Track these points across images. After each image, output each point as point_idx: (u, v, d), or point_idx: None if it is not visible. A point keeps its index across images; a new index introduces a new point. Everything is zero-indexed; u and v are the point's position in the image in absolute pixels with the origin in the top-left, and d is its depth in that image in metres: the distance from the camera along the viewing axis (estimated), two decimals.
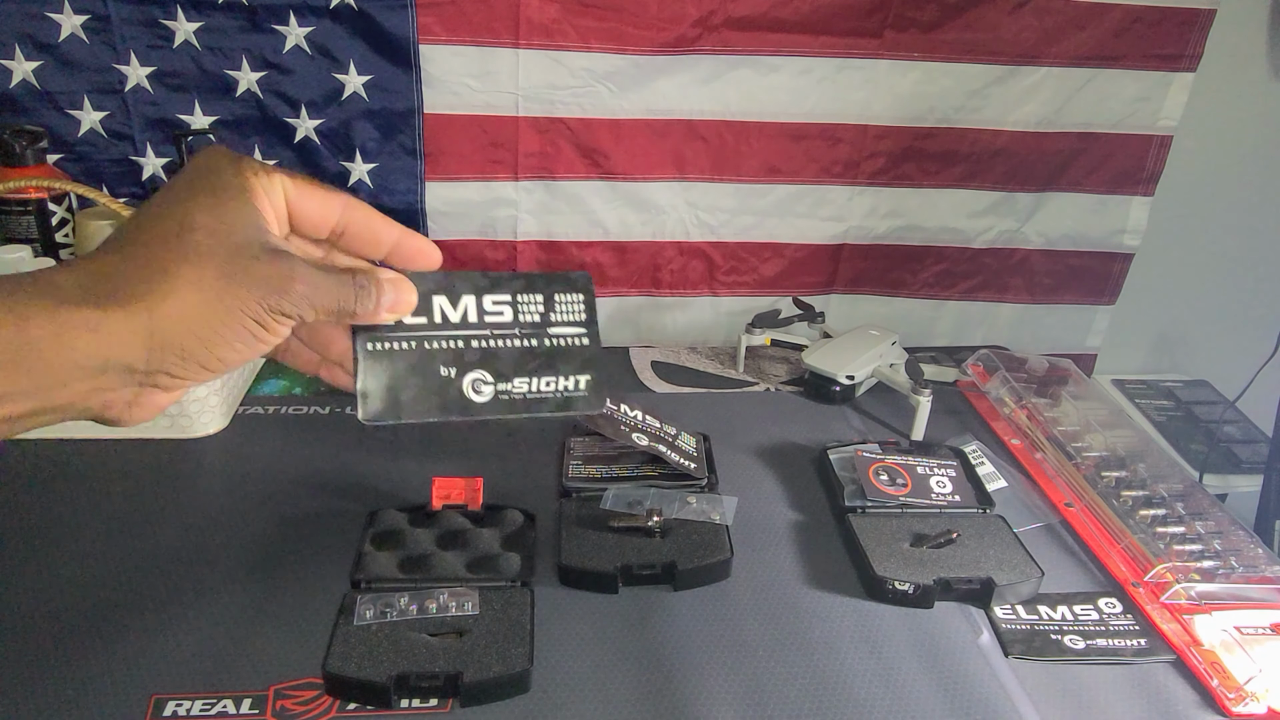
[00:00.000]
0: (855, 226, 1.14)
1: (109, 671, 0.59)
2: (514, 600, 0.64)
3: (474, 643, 0.60)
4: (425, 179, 1.03)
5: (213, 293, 0.35)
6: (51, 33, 0.91)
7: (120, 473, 0.80)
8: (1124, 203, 1.15)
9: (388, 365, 0.41)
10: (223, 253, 0.35)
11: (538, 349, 0.43)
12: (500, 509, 0.73)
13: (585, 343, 0.44)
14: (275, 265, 0.36)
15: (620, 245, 1.11)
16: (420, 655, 0.59)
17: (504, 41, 0.97)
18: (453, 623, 0.62)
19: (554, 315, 0.44)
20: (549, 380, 0.43)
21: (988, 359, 1.02)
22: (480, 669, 0.58)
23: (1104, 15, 1.03)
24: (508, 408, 0.42)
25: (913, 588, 0.68)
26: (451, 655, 0.59)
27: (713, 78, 1.03)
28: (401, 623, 0.61)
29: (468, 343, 0.42)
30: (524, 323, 0.43)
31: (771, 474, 0.85)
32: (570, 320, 0.44)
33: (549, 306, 0.44)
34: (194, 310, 0.35)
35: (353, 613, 0.61)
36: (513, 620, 0.62)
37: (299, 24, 0.94)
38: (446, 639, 0.61)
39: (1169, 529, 0.76)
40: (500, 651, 0.60)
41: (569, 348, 0.44)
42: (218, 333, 0.36)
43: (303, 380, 0.99)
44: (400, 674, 0.57)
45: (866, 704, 0.60)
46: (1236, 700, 0.61)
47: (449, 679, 0.57)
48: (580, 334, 0.44)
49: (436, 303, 0.42)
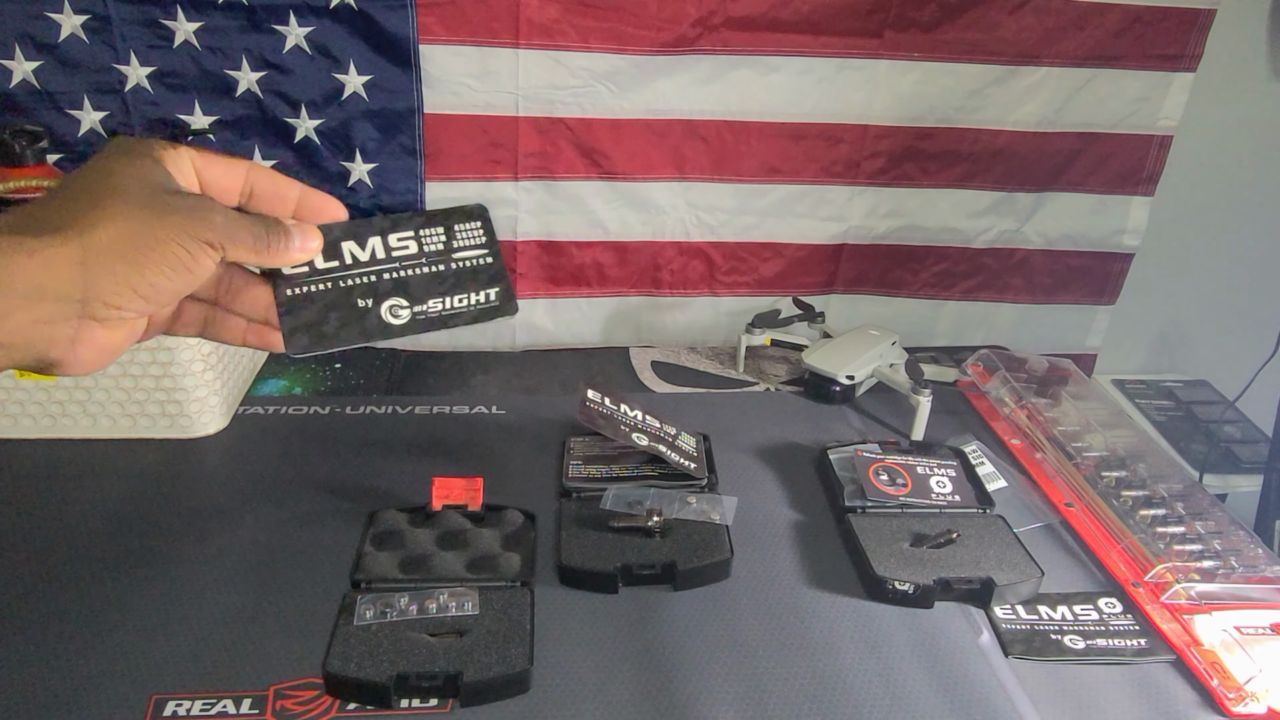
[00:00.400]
0: (855, 226, 1.14)
1: (109, 671, 0.59)
2: (514, 600, 0.64)
3: (474, 643, 0.60)
4: (425, 179, 1.03)
5: (139, 221, 0.38)
6: (51, 33, 0.91)
7: (120, 473, 0.80)
8: (1124, 203, 1.15)
9: (308, 306, 0.44)
10: (145, 190, 0.39)
11: (445, 272, 0.47)
12: (500, 509, 0.73)
13: (489, 260, 0.48)
14: (194, 200, 0.40)
15: (620, 245, 1.11)
16: (420, 655, 0.59)
17: (504, 41, 0.97)
18: (453, 623, 0.62)
19: (456, 242, 0.48)
20: (460, 296, 0.47)
21: (988, 359, 1.02)
22: (480, 669, 0.58)
23: (1104, 15, 1.03)
24: (425, 325, 0.46)
25: (913, 588, 0.68)
26: (451, 655, 0.59)
27: (713, 78, 1.03)
28: (401, 623, 0.61)
29: (379, 276, 0.46)
30: (429, 252, 0.47)
31: (771, 474, 0.85)
32: (472, 244, 0.48)
33: (450, 235, 0.48)
34: (123, 235, 0.37)
35: (353, 613, 0.61)
36: (513, 620, 0.62)
37: (299, 24, 0.94)
38: (446, 639, 0.61)
39: (1169, 529, 0.76)
40: (500, 651, 0.60)
41: (474, 267, 0.48)
42: (147, 256, 0.38)
43: (303, 380, 0.99)
44: (400, 674, 0.57)
45: (866, 704, 0.60)
46: (1236, 700, 0.61)
47: (449, 679, 0.58)
48: (483, 254, 0.48)
49: (345, 247, 0.46)
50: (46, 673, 0.58)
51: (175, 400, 0.83)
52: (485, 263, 0.48)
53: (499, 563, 0.67)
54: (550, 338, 1.15)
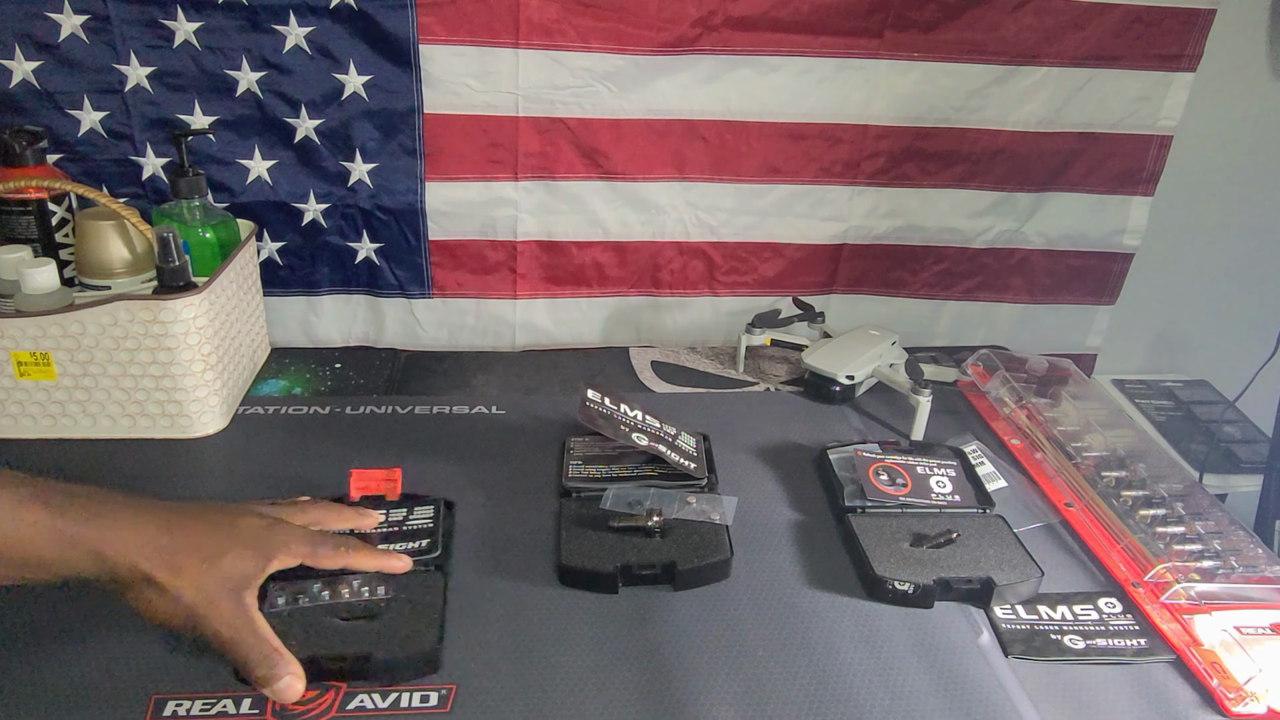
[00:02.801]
0: (855, 226, 1.14)
1: (109, 671, 0.59)
2: (427, 583, 0.65)
3: (384, 625, 0.61)
4: (425, 179, 1.03)
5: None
6: (51, 33, 0.91)
7: (120, 473, 0.80)
8: (1124, 203, 1.15)
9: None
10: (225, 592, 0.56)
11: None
12: (418, 498, 0.74)
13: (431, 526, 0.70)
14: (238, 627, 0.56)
15: (620, 245, 1.11)
16: (330, 638, 0.59)
17: (504, 41, 0.97)
18: (365, 607, 0.62)
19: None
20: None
21: (988, 359, 1.02)
22: (389, 649, 0.59)
23: (1104, 15, 1.03)
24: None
25: (913, 588, 0.68)
26: (361, 637, 0.60)
27: (713, 78, 1.03)
28: (313, 608, 0.61)
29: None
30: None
31: (771, 474, 0.85)
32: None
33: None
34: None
35: (263, 601, 0.61)
36: (425, 603, 0.63)
37: (299, 24, 0.94)
38: (358, 622, 0.61)
39: (1169, 529, 0.76)
40: (409, 632, 0.60)
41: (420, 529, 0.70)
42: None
43: (303, 380, 0.99)
44: (309, 657, 0.57)
45: (866, 704, 0.60)
46: (1236, 700, 0.61)
47: (357, 659, 0.58)
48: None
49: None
50: (47, 672, 0.58)
51: (175, 400, 0.83)
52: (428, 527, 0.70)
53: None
54: (550, 338, 1.15)
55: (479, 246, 1.08)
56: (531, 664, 0.61)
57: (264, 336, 1.04)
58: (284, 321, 1.09)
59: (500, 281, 1.11)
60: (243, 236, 0.95)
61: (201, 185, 0.90)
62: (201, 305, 0.82)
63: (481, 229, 1.07)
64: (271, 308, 1.06)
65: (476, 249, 1.08)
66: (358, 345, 1.12)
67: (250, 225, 0.98)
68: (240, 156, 1.00)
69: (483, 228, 1.07)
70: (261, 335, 1.03)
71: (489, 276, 1.10)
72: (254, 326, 0.99)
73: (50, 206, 0.89)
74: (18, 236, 0.88)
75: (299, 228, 1.04)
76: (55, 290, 0.81)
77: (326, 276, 1.08)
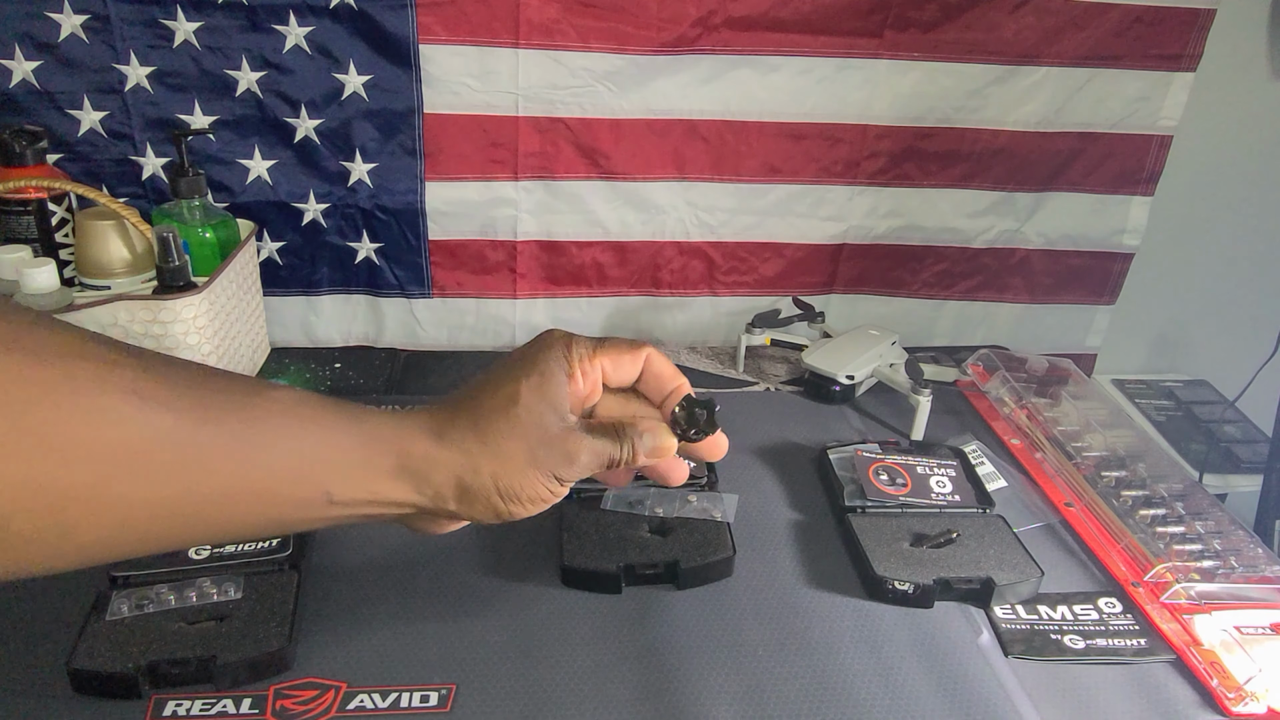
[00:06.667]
0: (855, 226, 1.14)
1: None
2: (279, 583, 0.64)
3: (231, 627, 0.60)
4: (425, 179, 1.03)
5: (518, 464, 0.48)
6: (51, 33, 0.91)
7: None
8: (1124, 203, 1.15)
9: None
10: (535, 433, 0.48)
11: None
12: None
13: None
14: (567, 444, 0.49)
15: (620, 245, 1.11)
16: (172, 643, 0.58)
17: (504, 41, 0.97)
18: (213, 609, 0.61)
19: None
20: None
21: (988, 359, 1.02)
22: (234, 651, 0.58)
23: (1104, 15, 1.03)
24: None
25: (913, 587, 0.68)
26: (207, 640, 0.59)
27: (713, 78, 1.03)
28: (158, 614, 0.60)
29: None
30: None
31: (771, 474, 0.85)
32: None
33: None
34: (503, 474, 0.48)
35: (105, 609, 0.61)
36: (275, 602, 0.62)
37: (299, 24, 0.94)
38: (204, 625, 0.60)
39: (1169, 529, 0.76)
40: (257, 632, 0.59)
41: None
42: (515, 494, 0.49)
43: (302, 380, 0.99)
44: (150, 663, 0.57)
45: (866, 704, 0.60)
46: (1236, 700, 0.61)
47: (201, 663, 0.57)
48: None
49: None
50: (47, 672, 0.58)
51: None
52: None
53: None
54: None
55: (479, 246, 1.08)
56: (532, 664, 0.61)
57: (264, 336, 1.04)
58: (284, 321, 1.09)
59: (500, 281, 1.11)
60: (243, 236, 0.95)
61: (201, 185, 0.90)
62: (201, 305, 0.81)
63: (481, 229, 1.07)
64: (271, 308, 1.06)
65: (476, 249, 1.08)
66: (357, 345, 1.12)
67: (250, 225, 0.98)
68: (240, 156, 1.00)
69: (483, 228, 1.07)
70: (261, 335, 1.03)
71: (489, 276, 1.10)
72: (254, 326, 0.99)
73: (50, 206, 0.89)
74: (18, 236, 0.88)
75: (299, 228, 1.04)
76: (55, 290, 0.81)
77: (326, 276, 1.08)
